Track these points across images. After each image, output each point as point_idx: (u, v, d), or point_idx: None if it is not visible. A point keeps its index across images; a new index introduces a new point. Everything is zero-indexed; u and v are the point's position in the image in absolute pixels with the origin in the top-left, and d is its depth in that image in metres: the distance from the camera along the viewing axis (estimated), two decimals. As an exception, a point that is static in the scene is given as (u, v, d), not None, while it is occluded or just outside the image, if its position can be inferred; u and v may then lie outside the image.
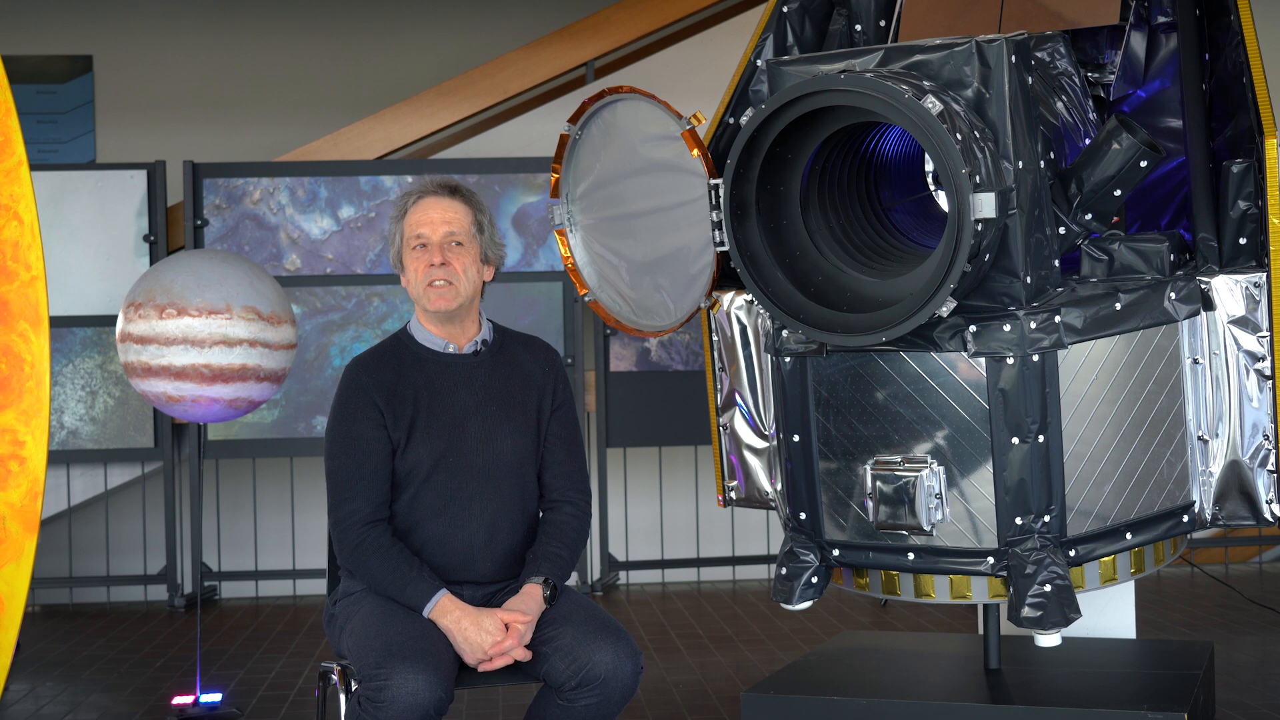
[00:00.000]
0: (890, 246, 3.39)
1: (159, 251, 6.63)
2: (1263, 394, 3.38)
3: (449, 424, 3.24)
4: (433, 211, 3.29)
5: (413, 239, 3.28)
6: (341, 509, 3.20)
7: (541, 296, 6.67)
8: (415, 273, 3.27)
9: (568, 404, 3.39)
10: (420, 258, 3.27)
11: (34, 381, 3.80)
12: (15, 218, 3.82)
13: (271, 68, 7.71)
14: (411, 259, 3.28)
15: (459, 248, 3.28)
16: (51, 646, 5.93)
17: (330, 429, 3.27)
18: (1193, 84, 3.63)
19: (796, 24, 3.92)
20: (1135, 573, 3.41)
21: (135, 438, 6.60)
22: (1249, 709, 4.42)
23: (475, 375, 3.30)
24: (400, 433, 3.23)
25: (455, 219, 3.29)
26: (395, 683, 2.89)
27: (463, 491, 3.22)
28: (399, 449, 3.22)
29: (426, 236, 3.27)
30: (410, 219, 3.30)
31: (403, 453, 3.22)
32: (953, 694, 3.52)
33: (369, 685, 2.92)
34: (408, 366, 3.29)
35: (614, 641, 3.07)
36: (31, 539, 3.76)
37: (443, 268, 3.25)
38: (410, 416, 3.23)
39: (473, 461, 3.23)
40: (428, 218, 3.28)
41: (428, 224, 3.28)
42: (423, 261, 3.26)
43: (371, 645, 2.99)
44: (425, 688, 2.90)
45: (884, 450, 3.30)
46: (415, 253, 3.28)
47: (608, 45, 7.11)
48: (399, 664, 2.91)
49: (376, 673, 2.92)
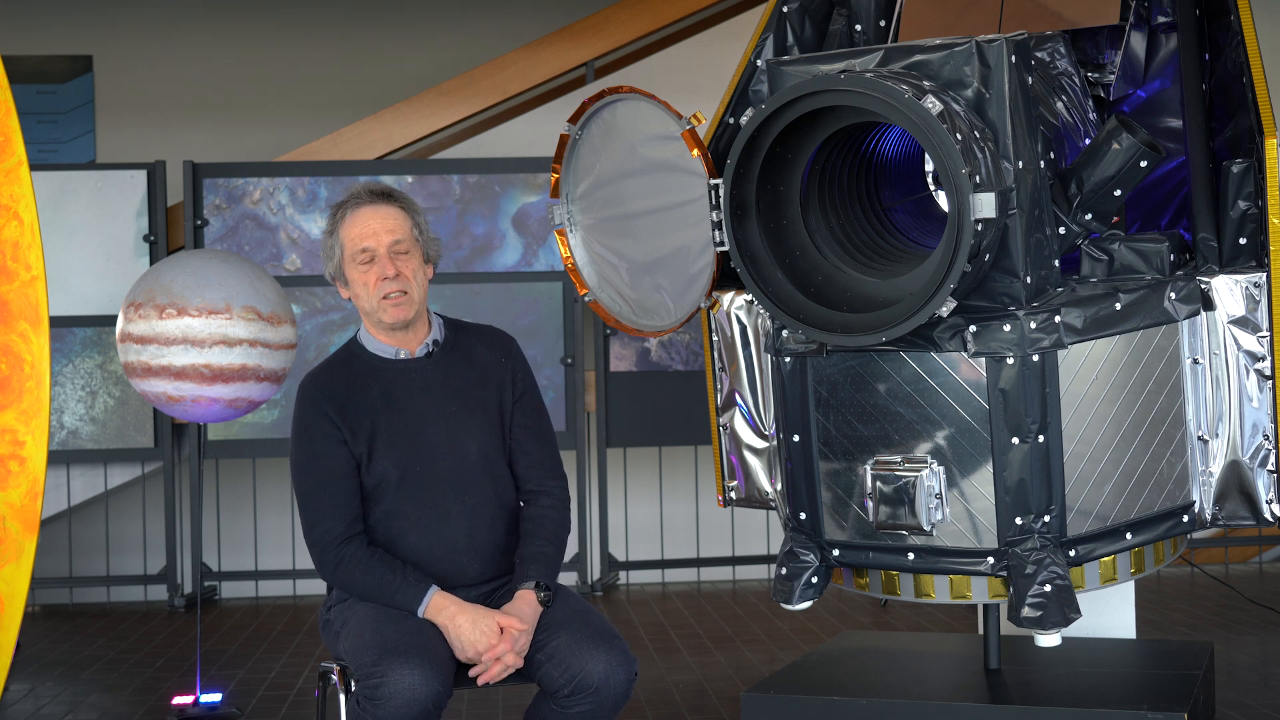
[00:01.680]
0: (890, 246, 3.39)
1: (159, 251, 6.63)
2: (1263, 394, 3.38)
3: (410, 431, 3.20)
4: (372, 221, 3.19)
5: (357, 253, 3.18)
6: (315, 530, 3.17)
7: (541, 296, 6.67)
8: (365, 286, 3.19)
9: (530, 391, 3.33)
10: (369, 271, 3.18)
11: (34, 381, 3.80)
12: (15, 218, 3.82)
13: (271, 68, 7.71)
14: (358, 273, 3.19)
15: (405, 255, 3.20)
16: (51, 646, 5.93)
17: (293, 449, 3.22)
18: (1193, 84, 3.62)
19: (796, 24, 3.92)
20: (1135, 573, 3.41)
21: (135, 438, 6.60)
22: (1249, 709, 4.42)
23: (431, 378, 3.25)
24: (361, 446, 3.18)
25: (396, 225, 3.20)
26: (391, 679, 2.89)
27: (435, 497, 3.19)
28: (362, 463, 3.18)
29: (372, 248, 3.18)
30: (349, 232, 3.20)
31: (368, 466, 3.18)
32: (953, 694, 3.52)
33: (366, 684, 2.93)
34: (361, 378, 3.23)
35: (607, 649, 3.06)
36: (31, 539, 3.76)
37: (396, 279, 3.17)
38: (369, 429, 3.19)
39: (439, 466, 3.19)
40: (369, 229, 3.19)
41: (370, 235, 3.18)
42: (373, 274, 3.18)
43: (368, 645, 3.00)
44: (421, 682, 2.90)
45: (884, 450, 3.30)
46: (362, 266, 3.19)
47: (608, 45, 7.10)
48: (395, 661, 2.91)
49: (373, 670, 2.92)
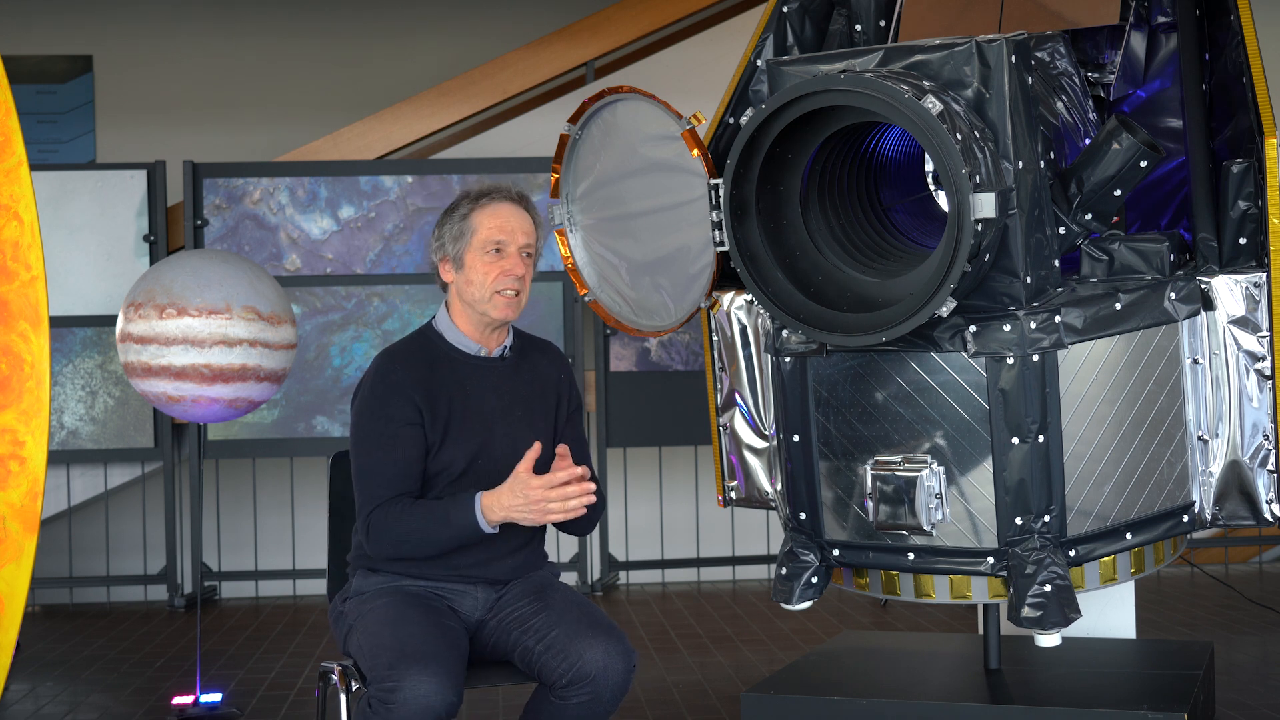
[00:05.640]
0: (890, 246, 3.39)
1: (159, 251, 6.63)
2: (1263, 394, 3.38)
3: (480, 427, 3.23)
4: (512, 219, 3.23)
5: (489, 242, 3.20)
6: (372, 506, 3.14)
7: (541, 296, 6.67)
8: (485, 275, 3.20)
9: (580, 408, 3.41)
10: (494, 262, 3.20)
11: (34, 381, 3.80)
12: (15, 218, 3.82)
13: (271, 68, 7.71)
14: (482, 261, 3.21)
15: (528, 260, 3.25)
16: (51, 646, 5.93)
17: (362, 424, 3.19)
18: (1193, 84, 3.62)
19: (796, 24, 3.92)
20: (1135, 573, 3.41)
21: (135, 438, 6.60)
22: (1249, 709, 4.42)
23: (502, 379, 3.29)
24: (436, 432, 3.18)
25: (531, 231, 3.25)
26: (407, 685, 2.88)
27: None
28: (433, 449, 3.19)
29: (505, 243, 3.21)
30: (486, 221, 3.22)
31: (436, 453, 3.19)
32: (953, 694, 3.52)
33: (380, 687, 2.91)
34: (440, 365, 3.25)
35: (605, 639, 3.06)
36: (31, 539, 3.76)
37: (519, 279, 3.21)
38: (446, 416, 3.20)
39: (500, 465, 3.20)
40: (509, 224, 3.22)
41: (508, 231, 3.22)
42: (497, 267, 3.20)
43: (385, 646, 2.99)
44: (437, 691, 2.89)
45: (884, 450, 3.30)
46: (489, 256, 3.21)
47: (608, 45, 7.11)
48: (412, 666, 2.91)
49: (389, 674, 2.91)
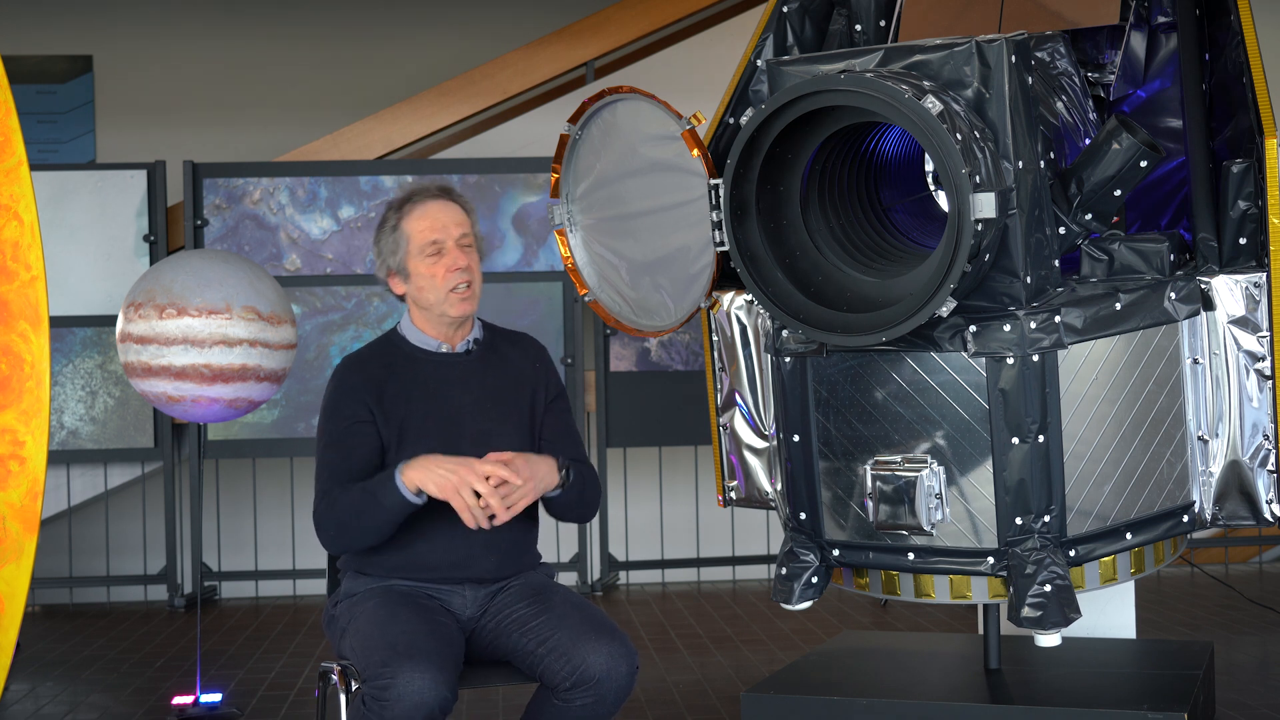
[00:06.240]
0: (890, 246, 3.39)
1: (159, 251, 6.63)
2: (1263, 394, 3.38)
3: (444, 423, 3.23)
4: (441, 215, 3.24)
5: (425, 244, 3.22)
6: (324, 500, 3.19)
7: (541, 296, 6.67)
8: (433, 279, 3.22)
9: (562, 396, 3.38)
10: (437, 262, 3.22)
11: (34, 381, 3.80)
12: (15, 218, 3.82)
13: (271, 68, 7.71)
14: (426, 265, 3.22)
15: (469, 249, 3.26)
16: (51, 646, 5.93)
17: (320, 425, 3.25)
18: (1193, 84, 3.62)
19: (796, 24, 3.92)
20: (1135, 573, 3.41)
21: (135, 438, 6.60)
22: (1249, 709, 4.42)
23: (469, 374, 3.29)
24: (391, 432, 3.20)
25: (463, 220, 3.26)
26: (401, 682, 2.87)
27: None
28: (390, 448, 3.20)
29: (441, 240, 3.22)
30: (415, 224, 3.24)
31: (396, 452, 3.19)
32: (953, 694, 3.52)
33: (374, 685, 2.91)
34: (399, 365, 3.26)
35: (609, 641, 3.05)
36: (31, 539, 3.76)
37: (466, 270, 3.22)
38: (402, 416, 3.21)
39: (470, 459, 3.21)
40: (438, 221, 3.23)
41: (440, 228, 3.23)
42: (442, 266, 3.22)
43: (376, 644, 2.99)
44: (430, 687, 2.88)
45: (884, 450, 3.30)
46: (430, 259, 3.22)
47: (608, 45, 7.10)
48: (404, 663, 2.90)
49: (382, 671, 2.91)
